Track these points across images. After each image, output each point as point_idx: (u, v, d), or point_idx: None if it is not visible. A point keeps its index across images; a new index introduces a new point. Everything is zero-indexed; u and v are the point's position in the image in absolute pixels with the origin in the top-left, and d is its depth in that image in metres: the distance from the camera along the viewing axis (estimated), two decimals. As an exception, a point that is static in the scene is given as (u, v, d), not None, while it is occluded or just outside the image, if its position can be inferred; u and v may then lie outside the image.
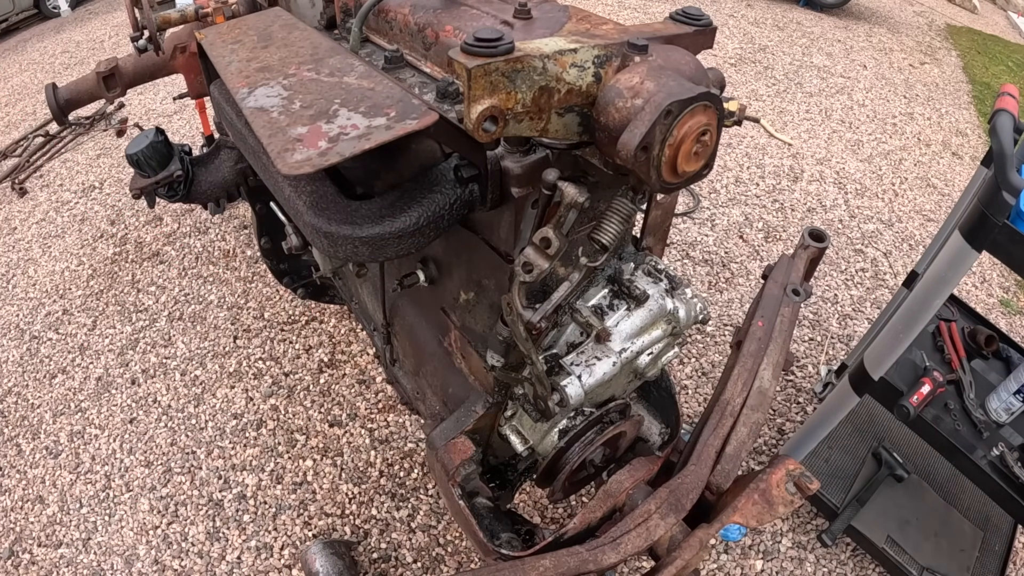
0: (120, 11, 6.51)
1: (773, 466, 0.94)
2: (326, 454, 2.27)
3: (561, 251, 0.94)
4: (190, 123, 4.27)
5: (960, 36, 6.67)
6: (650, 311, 1.25)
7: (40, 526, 2.11)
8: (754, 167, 3.91)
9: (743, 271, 3.10)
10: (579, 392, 1.17)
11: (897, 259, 3.28)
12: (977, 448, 1.66)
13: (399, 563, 1.98)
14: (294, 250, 1.63)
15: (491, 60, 0.75)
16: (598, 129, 0.88)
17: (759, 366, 1.10)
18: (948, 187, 3.94)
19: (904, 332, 1.59)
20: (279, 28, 1.23)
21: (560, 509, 2.12)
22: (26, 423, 2.43)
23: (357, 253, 1.00)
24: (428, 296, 1.56)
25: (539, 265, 0.95)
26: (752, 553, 2.01)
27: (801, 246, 1.34)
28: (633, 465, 1.19)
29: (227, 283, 2.98)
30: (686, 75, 0.89)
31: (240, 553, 2.00)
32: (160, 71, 2.36)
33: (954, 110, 4.91)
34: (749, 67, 5.20)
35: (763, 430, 2.37)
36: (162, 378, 2.56)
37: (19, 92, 4.94)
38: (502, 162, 0.99)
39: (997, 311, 3.02)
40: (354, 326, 2.74)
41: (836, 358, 2.67)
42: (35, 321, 2.86)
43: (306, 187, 1.06)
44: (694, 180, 0.92)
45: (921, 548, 1.91)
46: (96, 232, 3.35)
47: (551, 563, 0.92)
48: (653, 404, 1.58)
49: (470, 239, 1.20)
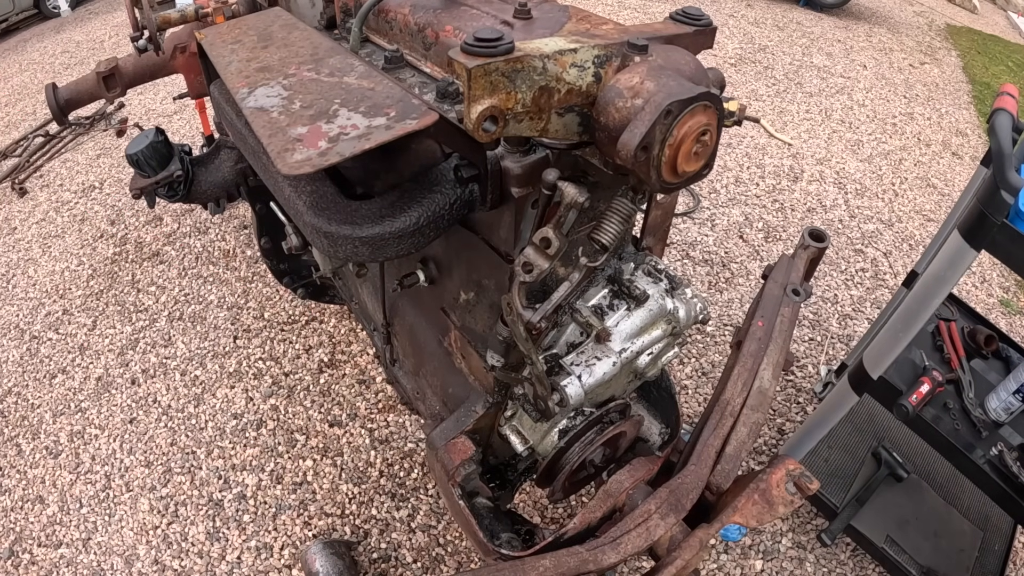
0: (120, 11, 6.51)
1: (773, 466, 0.95)
2: (326, 454, 2.27)
3: (561, 251, 0.94)
4: (190, 123, 4.27)
5: (960, 36, 6.67)
6: (650, 311, 1.25)
7: (40, 526, 2.11)
8: (754, 167, 3.91)
9: (743, 271, 3.10)
10: (579, 392, 1.17)
11: (897, 259, 3.28)
12: (976, 448, 1.66)
13: (399, 563, 1.98)
14: (294, 250, 1.63)
15: (491, 60, 0.75)
16: (598, 129, 0.88)
17: (759, 366, 1.11)
18: (948, 187, 3.94)
19: (903, 331, 1.59)
20: (279, 28, 1.23)
21: (560, 509, 2.12)
22: (26, 423, 2.44)
23: (357, 253, 1.01)
24: (428, 296, 1.56)
25: (539, 265, 0.95)
26: (752, 553, 2.01)
27: (801, 246, 1.34)
28: (633, 465, 1.19)
29: (227, 283, 2.99)
30: (686, 75, 0.89)
31: (240, 553, 2.00)
32: (160, 71, 2.36)
33: (954, 110, 4.91)
34: (749, 67, 5.20)
35: (763, 430, 2.37)
36: (162, 378, 2.56)
37: (19, 92, 4.94)
38: (502, 162, 0.99)
39: (997, 311, 3.02)
40: (354, 326, 2.74)
41: (836, 358, 2.67)
42: (35, 321, 2.86)
43: (306, 187, 1.06)
44: (694, 180, 0.92)
45: (921, 548, 1.91)
46: (96, 232, 3.35)
47: (551, 563, 0.92)
48: (653, 404, 1.58)
49: (470, 239, 1.20)
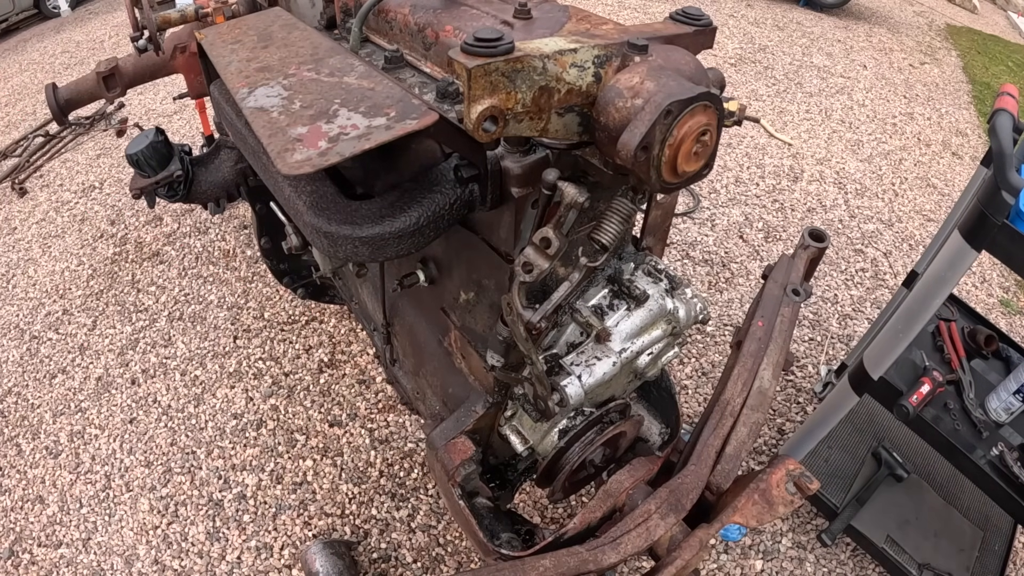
0: (120, 11, 6.50)
1: (773, 466, 0.94)
2: (326, 454, 2.27)
3: (561, 251, 0.94)
4: (190, 123, 4.27)
5: (960, 36, 6.67)
6: (650, 311, 1.25)
7: (40, 526, 2.11)
8: (754, 167, 3.91)
9: (743, 271, 3.10)
10: (579, 392, 1.17)
11: (897, 259, 3.28)
12: (977, 448, 1.66)
13: (399, 563, 1.98)
14: (294, 250, 1.63)
15: (491, 60, 0.75)
16: (598, 129, 0.88)
17: (759, 366, 1.10)
18: (948, 187, 3.94)
19: (904, 332, 1.59)
20: (279, 28, 1.23)
21: (560, 509, 2.12)
22: (26, 423, 2.44)
23: (357, 253, 1.00)
24: (428, 296, 1.56)
25: (539, 265, 0.95)
26: (752, 553, 2.01)
27: (801, 246, 1.34)
28: (633, 465, 1.19)
29: (227, 283, 2.98)
30: (686, 75, 0.89)
31: (240, 553, 2.00)
32: (160, 71, 2.36)
33: (954, 110, 4.91)
34: (749, 67, 5.20)
35: (763, 430, 2.37)
36: (162, 378, 2.56)
37: (19, 92, 4.94)
38: (502, 162, 0.99)
39: (997, 311, 3.02)
40: (354, 326, 2.74)
41: (836, 358, 2.67)
42: (35, 321, 2.86)
43: (306, 187, 1.06)
44: (694, 180, 0.92)
45: (921, 548, 1.91)
46: (96, 232, 3.35)
47: (551, 563, 0.92)
48: (653, 404, 1.58)
49: (470, 239, 1.20)
